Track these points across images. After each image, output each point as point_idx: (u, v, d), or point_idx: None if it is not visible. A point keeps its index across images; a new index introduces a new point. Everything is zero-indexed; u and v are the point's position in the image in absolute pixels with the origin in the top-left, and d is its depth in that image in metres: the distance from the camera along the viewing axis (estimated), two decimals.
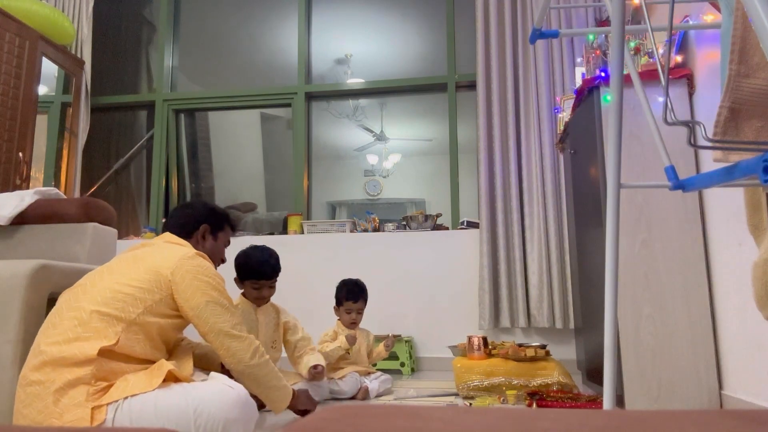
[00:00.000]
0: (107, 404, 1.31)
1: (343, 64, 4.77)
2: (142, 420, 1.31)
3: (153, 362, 1.47)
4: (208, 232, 1.78)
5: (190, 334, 2.00)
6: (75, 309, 1.41)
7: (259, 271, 2.35)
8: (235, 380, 1.52)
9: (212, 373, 1.52)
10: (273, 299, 2.53)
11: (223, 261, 1.87)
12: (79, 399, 1.30)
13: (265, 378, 1.63)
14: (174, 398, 1.34)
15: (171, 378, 1.39)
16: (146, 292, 1.46)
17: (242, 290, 2.44)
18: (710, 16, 2.07)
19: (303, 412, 1.89)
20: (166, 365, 1.39)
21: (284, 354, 2.51)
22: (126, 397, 1.32)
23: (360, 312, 2.76)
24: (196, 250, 1.62)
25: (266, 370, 1.62)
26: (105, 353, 1.36)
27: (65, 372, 1.32)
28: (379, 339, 2.95)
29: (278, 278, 2.46)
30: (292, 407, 1.80)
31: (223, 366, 1.79)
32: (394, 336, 2.99)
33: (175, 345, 1.81)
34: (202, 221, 1.77)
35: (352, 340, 2.62)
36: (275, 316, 2.47)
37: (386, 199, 5.91)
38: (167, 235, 1.72)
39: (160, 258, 1.53)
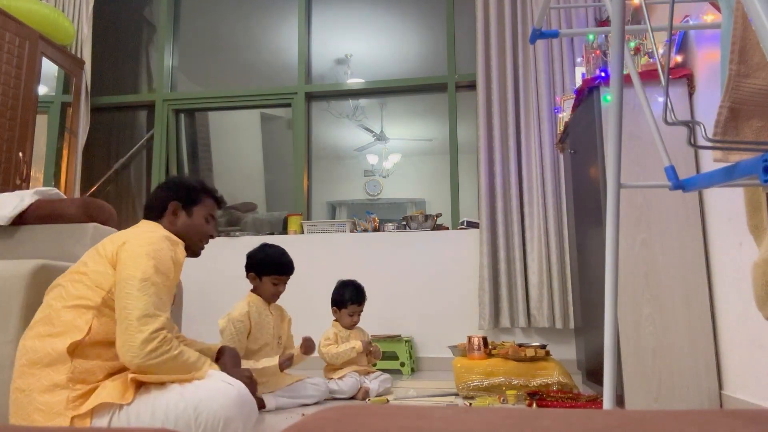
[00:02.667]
0: (90, 414, 1.29)
1: (343, 64, 4.77)
2: (141, 423, 1.30)
3: None
4: (179, 209, 1.65)
5: (187, 332, 2.00)
6: (47, 307, 1.41)
7: (281, 268, 2.42)
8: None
9: (210, 371, 1.51)
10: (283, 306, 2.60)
11: (210, 236, 1.71)
12: (58, 407, 1.28)
13: (166, 373, 1.40)
14: (172, 400, 1.34)
15: (141, 385, 1.36)
16: (103, 276, 1.41)
17: (252, 288, 2.47)
18: (710, 16, 2.07)
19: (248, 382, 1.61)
20: (132, 377, 1.35)
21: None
22: (122, 407, 1.31)
23: (360, 314, 2.77)
24: (166, 233, 1.52)
25: (166, 368, 1.38)
26: (79, 349, 1.34)
27: (42, 377, 1.31)
28: (376, 339, 2.96)
29: None
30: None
31: (216, 360, 1.76)
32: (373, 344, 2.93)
33: None
34: (170, 199, 1.65)
35: (367, 347, 2.65)
36: (281, 311, 2.55)
37: (386, 199, 5.91)
38: (141, 222, 1.64)
39: (116, 241, 1.48)
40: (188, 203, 1.67)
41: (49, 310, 1.39)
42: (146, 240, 1.45)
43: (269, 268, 2.40)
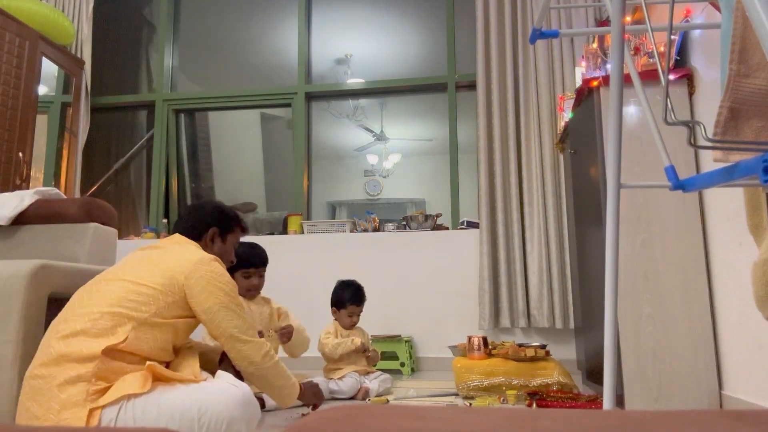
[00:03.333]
0: (103, 407, 1.31)
1: (343, 64, 4.77)
2: (145, 420, 1.31)
3: (156, 362, 1.47)
4: (217, 235, 1.78)
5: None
6: (86, 306, 1.43)
7: (248, 260, 2.44)
8: (242, 379, 1.55)
9: (218, 372, 1.53)
10: (272, 297, 2.58)
11: (232, 263, 1.88)
12: (77, 398, 1.31)
13: (274, 378, 1.67)
14: (178, 398, 1.35)
15: (158, 376, 1.39)
16: (160, 294, 1.48)
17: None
18: (711, 16, 2.07)
19: (313, 406, 1.96)
20: (150, 365, 1.39)
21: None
22: (130, 398, 1.32)
23: (359, 314, 2.77)
24: (211, 255, 1.64)
25: (276, 371, 1.67)
26: (110, 352, 1.36)
27: (68, 368, 1.33)
28: (376, 339, 2.95)
29: (277, 279, 2.52)
30: (300, 400, 1.86)
31: (220, 362, 1.79)
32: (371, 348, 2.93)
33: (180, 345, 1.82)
34: (211, 224, 1.77)
35: (363, 348, 2.66)
36: (268, 306, 2.54)
37: (386, 199, 5.91)
38: (177, 236, 1.73)
39: (175, 261, 1.55)
40: (225, 231, 1.81)
41: (90, 309, 1.41)
42: (212, 270, 1.57)
43: (238, 263, 2.45)
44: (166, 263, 1.54)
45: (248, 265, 2.45)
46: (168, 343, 1.51)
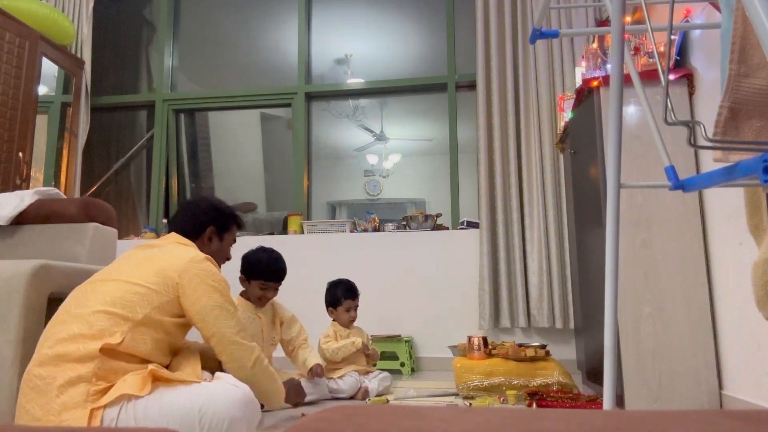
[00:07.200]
0: (104, 407, 1.31)
1: (343, 64, 4.77)
2: (147, 420, 1.31)
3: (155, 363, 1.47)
4: (214, 233, 1.77)
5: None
6: (82, 307, 1.42)
7: (270, 274, 2.40)
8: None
9: (218, 373, 1.53)
10: (282, 304, 2.59)
11: (228, 259, 1.87)
12: (78, 398, 1.31)
13: (264, 383, 1.65)
14: (179, 398, 1.35)
15: (160, 379, 1.39)
16: (154, 294, 1.47)
17: (242, 290, 2.46)
18: (711, 16, 2.07)
19: (295, 404, 1.96)
20: (151, 369, 1.39)
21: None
22: (130, 399, 1.32)
23: (356, 308, 2.77)
24: (204, 254, 1.62)
25: (265, 376, 1.64)
26: (108, 352, 1.36)
27: (67, 369, 1.33)
28: (376, 339, 2.95)
29: None
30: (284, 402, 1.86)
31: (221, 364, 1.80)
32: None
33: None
34: (208, 223, 1.76)
35: (365, 350, 2.66)
36: (272, 313, 2.52)
37: (386, 199, 5.91)
38: (173, 235, 1.72)
39: (169, 260, 1.54)
40: (222, 229, 1.80)
41: (86, 310, 1.41)
42: (205, 269, 1.56)
43: (259, 273, 2.40)
44: (160, 262, 1.53)
45: (269, 278, 2.40)
46: (165, 344, 1.50)
